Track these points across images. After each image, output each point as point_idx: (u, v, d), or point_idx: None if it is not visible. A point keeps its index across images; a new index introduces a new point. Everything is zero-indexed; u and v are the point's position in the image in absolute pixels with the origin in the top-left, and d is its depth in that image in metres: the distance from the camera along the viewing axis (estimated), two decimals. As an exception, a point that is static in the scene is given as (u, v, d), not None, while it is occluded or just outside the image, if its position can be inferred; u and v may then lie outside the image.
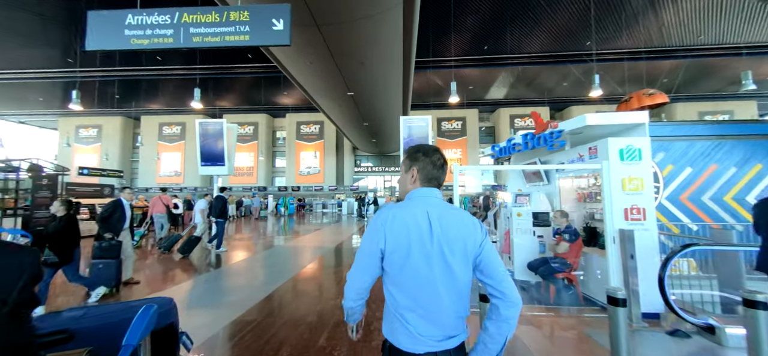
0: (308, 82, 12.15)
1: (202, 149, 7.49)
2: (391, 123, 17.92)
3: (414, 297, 1.00)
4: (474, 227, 1.05)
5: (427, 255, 1.00)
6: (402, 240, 1.01)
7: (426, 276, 1.00)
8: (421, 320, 0.99)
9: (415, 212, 1.04)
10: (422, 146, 1.17)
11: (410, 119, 7.93)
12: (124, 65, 17.66)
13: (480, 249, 1.03)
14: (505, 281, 1.01)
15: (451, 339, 1.01)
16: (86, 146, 29.18)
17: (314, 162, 28.67)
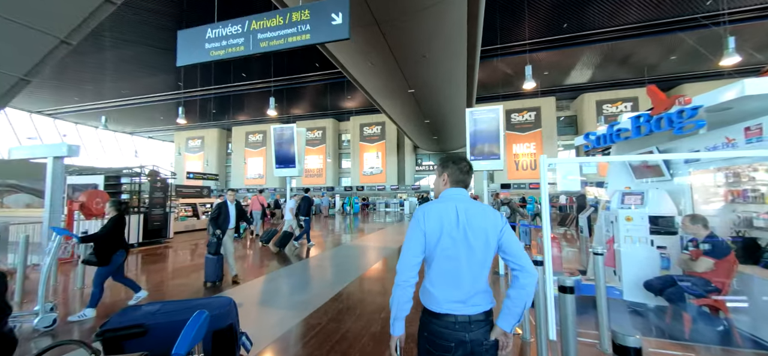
0: (369, 83, 12.26)
1: (277, 153, 8.08)
2: (453, 119, 17.06)
3: (443, 271, 1.30)
4: (495, 217, 1.33)
5: (454, 238, 1.29)
6: (435, 226, 1.30)
7: (452, 253, 1.29)
8: (445, 287, 1.28)
9: (446, 207, 1.33)
10: (452, 155, 1.46)
11: (477, 110, 7.22)
12: (217, 84, 20.59)
13: (501, 234, 1.30)
14: (523, 257, 1.26)
15: (473, 306, 1.27)
16: (193, 154, 35.04)
17: (376, 162, 29.24)
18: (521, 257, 1.26)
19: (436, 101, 13.82)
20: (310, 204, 7.85)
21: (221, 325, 1.67)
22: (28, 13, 5.24)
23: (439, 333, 1.27)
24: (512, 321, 1.26)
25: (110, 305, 4.03)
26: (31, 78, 6.24)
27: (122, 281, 4.03)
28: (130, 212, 6.48)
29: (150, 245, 6.83)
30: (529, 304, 1.26)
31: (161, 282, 4.96)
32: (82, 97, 23.37)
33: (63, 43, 5.93)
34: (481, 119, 6.95)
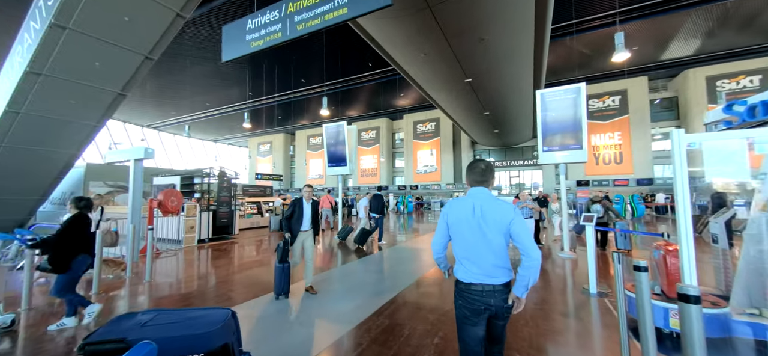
0: (422, 76, 11.66)
1: (329, 152, 8.08)
2: (518, 109, 15.37)
3: (464, 249, 1.76)
4: (507, 212, 1.70)
5: (470, 226, 1.74)
6: (456, 217, 1.79)
7: (469, 238, 1.74)
8: (469, 263, 1.73)
9: (466, 202, 1.79)
10: (471, 162, 1.91)
11: (551, 92, 6.11)
12: (280, 91, 22.19)
13: (511, 225, 1.68)
14: (528, 245, 1.66)
15: (492, 277, 1.69)
16: (263, 157, 38.68)
17: (431, 160, 28.33)
18: (526, 245, 1.64)
19: (496, 90, 12.55)
20: (382, 202, 7.76)
21: (213, 346, 1.38)
22: (118, 34, 5.95)
23: (470, 299, 1.70)
24: (522, 289, 1.64)
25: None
26: (126, 92, 7.19)
27: (66, 296, 3.21)
28: (204, 210, 7.16)
29: (217, 241, 7.46)
30: (533, 279, 1.63)
31: (227, 275, 5.17)
32: (178, 111, 27.50)
33: (147, 58, 6.67)
34: (555, 102, 5.87)
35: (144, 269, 5.00)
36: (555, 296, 4.05)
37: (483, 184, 1.80)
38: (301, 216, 4.12)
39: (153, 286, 4.71)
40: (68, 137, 7.64)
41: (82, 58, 6.02)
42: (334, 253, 6.82)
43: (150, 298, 4.15)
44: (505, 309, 1.68)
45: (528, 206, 6.59)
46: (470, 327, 1.70)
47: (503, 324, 1.76)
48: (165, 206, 5.67)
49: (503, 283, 1.69)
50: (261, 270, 5.31)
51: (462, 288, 1.73)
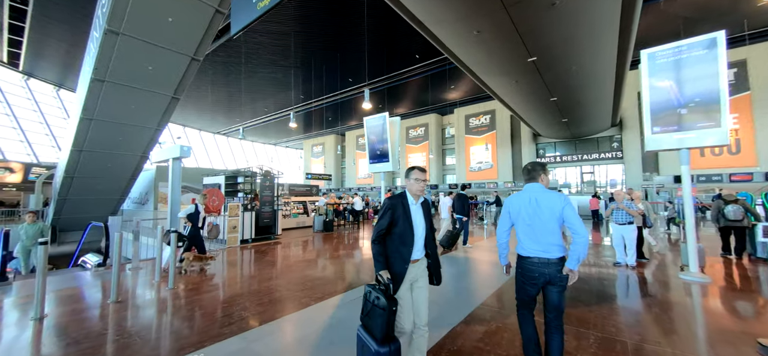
0: (475, 60, 10.33)
1: (370, 147, 7.41)
2: (595, 90, 12.91)
3: (523, 231, 2.22)
4: (557, 201, 2.14)
5: (528, 213, 2.20)
6: (516, 207, 2.28)
7: (528, 221, 2.19)
8: (528, 241, 2.19)
9: (523, 195, 2.27)
10: (523, 167, 2.50)
11: (667, 50, 4.47)
12: (328, 92, 22.50)
13: (562, 211, 2.11)
14: (577, 225, 2.08)
15: (547, 253, 2.12)
16: (316, 158, 40.30)
17: (486, 156, 26.13)
18: (575, 226, 2.08)
19: (567, 69, 10.56)
20: (466, 203, 7.05)
21: None
22: (164, 36, 6.04)
23: (527, 268, 2.20)
24: (574, 262, 2.07)
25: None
26: (178, 96, 7.45)
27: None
28: (247, 209, 7.12)
29: (260, 242, 7.36)
30: (582, 255, 2.07)
31: (273, 279, 4.81)
32: (242, 117, 29.91)
33: (193, 60, 6.76)
34: (674, 63, 4.24)
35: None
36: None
37: (533, 180, 2.28)
38: (408, 231, 2.07)
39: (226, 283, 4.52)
40: (134, 141, 8.29)
41: (135, 62, 6.27)
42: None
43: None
44: (559, 278, 2.09)
45: (625, 208, 5.06)
46: (527, 288, 2.20)
47: (558, 291, 2.13)
48: (207, 206, 5.61)
49: (557, 257, 2.11)
50: (294, 276, 4.83)
51: (521, 261, 2.22)
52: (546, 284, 2.13)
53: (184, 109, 28.62)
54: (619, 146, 22.05)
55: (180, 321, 3.21)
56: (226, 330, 2.93)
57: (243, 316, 3.22)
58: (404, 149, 31.27)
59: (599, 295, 3.86)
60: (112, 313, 3.44)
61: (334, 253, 6.53)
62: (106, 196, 9.70)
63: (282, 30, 14.60)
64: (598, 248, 7.11)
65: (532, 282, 2.15)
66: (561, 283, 2.09)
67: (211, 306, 3.57)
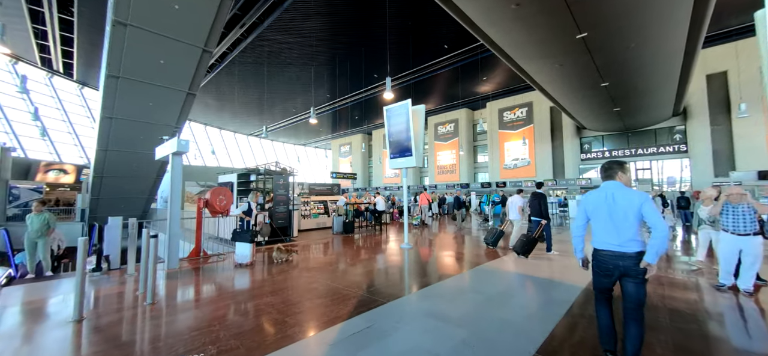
0: (513, 41, 9.13)
1: (391, 139, 6.63)
2: (659, 73, 11.02)
3: (599, 226, 2.33)
4: (635, 198, 2.23)
5: (603, 210, 2.30)
6: (592, 204, 2.39)
7: (603, 217, 2.30)
8: (604, 235, 2.30)
9: (599, 192, 2.37)
10: (601, 167, 2.51)
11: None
12: (353, 91, 22.08)
13: (641, 208, 2.19)
14: (655, 222, 2.15)
15: (623, 247, 2.21)
16: (344, 158, 40.36)
17: (522, 152, 24.17)
18: (654, 221, 2.16)
19: (625, 46, 8.97)
20: (543, 203, 6.22)
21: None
22: (172, 26, 5.71)
23: (601, 260, 2.32)
24: (653, 256, 2.12)
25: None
26: (193, 91, 7.21)
27: None
28: (260, 210, 6.73)
29: (274, 244, 6.86)
30: (661, 249, 2.13)
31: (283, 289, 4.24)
32: (273, 119, 30.59)
33: (204, 51, 6.43)
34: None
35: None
36: None
37: (610, 178, 2.40)
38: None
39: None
40: (155, 139, 8.19)
41: (146, 56, 6.04)
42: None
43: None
44: (635, 270, 2.18)
45: (756, 204, 3.72)
46: (602, 279, 2.35)
47: (635, 283, 2.21)
48: (213, 206, 5.22)
49: (634, 252, 2.19)
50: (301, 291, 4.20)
51: (596, 254, 2.38)
52: (622, 276, 2.25)
53: (220, 112, 29.92)
54: (682, 138, 19.18)
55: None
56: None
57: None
58: (432, 147, 30.07)
59: (702, 339, 2.74)
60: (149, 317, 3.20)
61: (351, 260, 5.84)
62: (134, 195, 9.87)
63: (307, 26, 14.35)
64: (673, 262, 5.69)
65: (607, 274, 2.29)
66: (638, 276, 2.18)
67: (176, 329, 3.01)
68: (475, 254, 6.27)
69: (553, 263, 5.40)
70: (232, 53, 16.56)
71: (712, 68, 17.52)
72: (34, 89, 19.11)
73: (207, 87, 22.65)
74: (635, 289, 2.18)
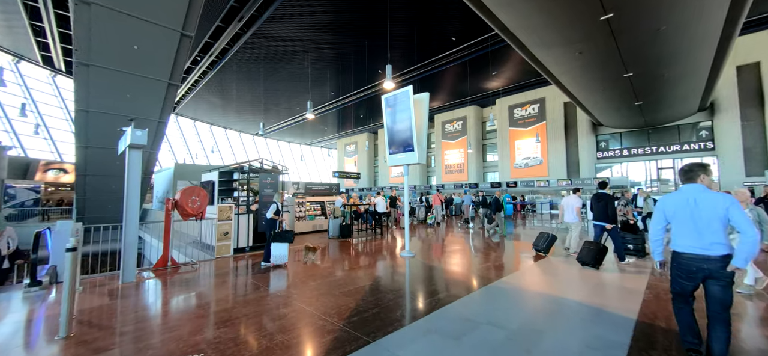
0: (529, 24, 8.28)
1: (389, 132, 5.89)
2: (689, 60, 9.98)
3: (680, 229, 2.31)
4: (721, 201, 2.18)
5: (685, 213, 2.28)
6: (672, 208, 2.39)
7: (685, 221, 2.29)
8: (685, 238, 2.28)
9: (679, 195, 2.38)
10: (680, 169, 2.49)
11: None
12: (356, 88, 21.40)
13: (727, 211, 2.14)
14: (743, 226, 2.10)
15: (707, 250, 2.18)
16: (349, 157, 39.78)
17: (534, 150, 23.09)
18: (742, 226, 2.10)
19: (654, 29, 8.02)
20: (612, 205, 5.43)
21: None
22: (143, 6, 5.09)
23: (683, 263, 2.29)
24: (742, 261, 2.07)
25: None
26: (175, 82, 6.61)
27: None
28: (244, 212, 6.07)
29: (259, 250, 6.21)
30: (751, 253, 2.05)
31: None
32: (278, 117, 30.19)
33: (183, 35, 5.81)
34: None
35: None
36: None
37: (691, 181, 2.37)
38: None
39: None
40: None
41: (117, 40, 5.44)
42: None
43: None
44: (721, 273, 2.14)
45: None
46: (683, 282, 2.31)
47: (722, 286, 2.17)
48: (183, 208, 4.59)
49: (719, 255, 2.15)
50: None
51: (677, 257, 2.34)
52: (706, 278, 2.22)
53: (225, 111, 29.69)
54: (708, 134, 17.87)
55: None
56: None
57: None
58: (439, 145, 29.18)
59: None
60: None
61: (339, 273, 5.11)
62: (123, 195, 9.35)
63: (307, 18, 13.74)
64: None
65: (690, 277, 2.27)
66: (724, 278, 2.15)
67: None
68: (491, 265, 5.47)
69: (597, 281, 4.50)
70: (232, 49, 16.09)
71: (744, 59, 16.20)
72: (36, 88, 19.03)
73: (211, 86, 22.33)
74: (721, 292, 2.17)
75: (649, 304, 3.55)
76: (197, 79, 20.91)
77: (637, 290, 4.06)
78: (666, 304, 3.52)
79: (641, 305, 3.50)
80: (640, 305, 3.51)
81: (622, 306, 3.51)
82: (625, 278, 4.68)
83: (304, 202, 9.07)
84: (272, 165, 7.02)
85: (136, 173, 4.16)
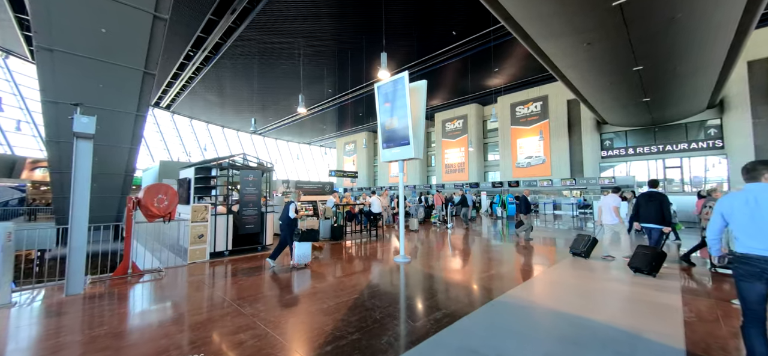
0: (536, 13, 7.74)
1: (383, 126, 5.37)
2: (703, 51, 9.44)
3: (741, 230, 2.19)
4: None
5: (745, 213, 2.18)
6: (729, 206, 2.29)
7: (745, 221, 2.17)
8: (747, 239, 2.16)
9: (739, 195, 2.25)
10: (743, 167, 2.38)
11: None
12: (354, 86, 20.88)
13: None
14: None
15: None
16: (348, 156, 39.26)
17: (536, 149, 22.55)
18: None
19: (670, 16, 7.46)
20: (664, 204, 4.96)
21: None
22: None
23: (751, 265, 2.12)
24: None
25: None
26: (151, 70, 6.10)
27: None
28: (219, 212, 5.52)
29: (240, 255, 5.66)
30: None
31: None
32: (277, 115, 29.65)
33: (156, 17, 5.30)
34: None
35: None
36: None
37: (755, 179, 2.24)
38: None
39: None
40: (116, 129, 7.18)
41: (82, 21, 4.91)
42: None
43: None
44: None
45: None
46: (748, 285, 2.15)
47: None
48: (146, 208, 4.08)
49: None
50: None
51: (739, 258, 2.20)
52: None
53: (223, 110, 29.17)
54: (717, 133, 17.31)
55: None
56: None
57: None
58: (440, 144, 28.64)
59: None
60: None
61: (323, 284, 4.58)
62: (105, 194, 8.85)
63: (302, 11, 13.22)
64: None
65: (754, 278, 2.13)
66: None
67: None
68: (495, 273, 4.94)
69: (626, 294, 3.97)
70: (226, 43, 15.59)
71: (755, 54, 15.62)
72: (24, 84, 18.53)
73: (207, 83, 21.82)
74: None
75: (694, 327, 3.01)
76: (192, 76, 20.41)
77: (673, 306, 3.53)
78: (712, 327, 3.01)
79: (684, 328, 2.97)
80: (683, 328, 2.98)
81: (662, 327, 2.98)
82: (656, 287, 4.16)
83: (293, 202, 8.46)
84: (258, 162, 6.50)
85: (85, 167, 3.65)
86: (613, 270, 4.95)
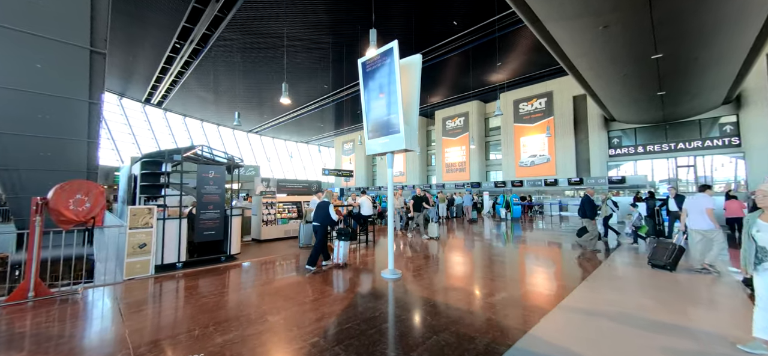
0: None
1: (368, 109, 4.46)
2: (728, 37, 8.51)
3: None
4: None
5: None
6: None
7: None
8: None
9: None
10: None
11: None
12: (351, 81, 19.99)
13: None
14: None
15: None
16: (347, 156, 38.39)
17: (540, 148, 21.62)
18: None
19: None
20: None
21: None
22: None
23: None
24: None
25: None
26: (99, 49, 5.22)
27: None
28: (167, 218, 4.56)
29: (199, 266, 4.72)
30: None
31: None
32: (274, 113, 28.76)
33: (95, -17, 4.38)
34: None
35: None
36: None
37: None
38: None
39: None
40: (68, 120, 6.32)
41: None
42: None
43: None
44: None
45: None
46: None
47: None
48: (58, 212, 3.21)
49: None
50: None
51: None
52: None
53: (217, 107, 28.30)
54: (733, 130, 16.37)
55: None
56: None
57: None
58: (440, 143, 27.72)
59: None
60: None
61: (286, 311, 3.66)
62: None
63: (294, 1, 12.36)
64: None
65: None
66: None
67: None
68: (517, 293, 4.04)
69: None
70: (213, 34, 14.72)
71: (775, 46, 14.66)
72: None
73: (199, 79, 20.98)
74: None
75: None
76: (181, 70, 19.56)
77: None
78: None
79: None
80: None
81: None
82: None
83: (274, 203, 7.53)
84: (227, 157, 5.61)
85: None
86: (723, 286, 4.06)
